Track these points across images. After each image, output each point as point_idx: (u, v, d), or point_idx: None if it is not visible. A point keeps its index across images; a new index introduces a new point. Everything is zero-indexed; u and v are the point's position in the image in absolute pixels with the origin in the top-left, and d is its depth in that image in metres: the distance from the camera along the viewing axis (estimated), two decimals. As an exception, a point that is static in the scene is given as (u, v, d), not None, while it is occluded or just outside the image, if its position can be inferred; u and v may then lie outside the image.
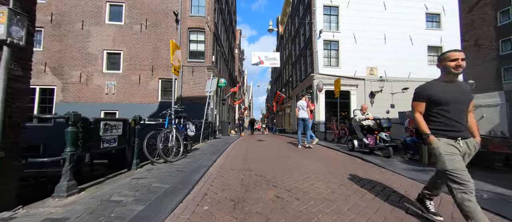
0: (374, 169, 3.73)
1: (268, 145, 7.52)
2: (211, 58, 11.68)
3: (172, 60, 5.11)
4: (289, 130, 23.71)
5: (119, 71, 11.29)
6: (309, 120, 6.48)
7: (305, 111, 6.40)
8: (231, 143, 7.81)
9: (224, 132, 13.05)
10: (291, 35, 21.61)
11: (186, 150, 5.09)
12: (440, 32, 14.55)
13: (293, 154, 5.22)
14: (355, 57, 13.84)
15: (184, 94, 11.49)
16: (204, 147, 6.33)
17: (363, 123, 5.86)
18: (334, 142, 8.44)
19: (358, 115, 5.99)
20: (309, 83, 14.49)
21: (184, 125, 5.03)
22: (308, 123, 6.42)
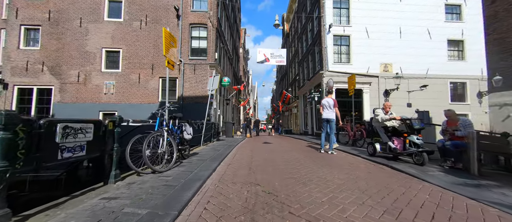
0: (413, 183, 2.92)
1: (276, 148, 6.76)
2: (214, 55, 11.04)
3: (165, 51, 4.44)
4: (296, 131, 22.85)
5: (118, 70, 10.81)
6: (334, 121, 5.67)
7: (331, 110, 5.61)
8: (235, 146, 7.10)
9: (228, 134, 12.38)
10: (298, 32, 20.78)
11: (182, 156, 4.41)
12: (461, 25, 13.41)
13: (308, 160, 4.45)
14: (368, 53, 12.91)
15: (185, 94, 10.88)
16: (205, 151, 5.64)
17: (387, 124, 5.01)
18: (348, 145, 7.60)
19: (381, 114, 5.09)
20: (318, 81, 13.64)
21: (179, 127, 4.35)
22: (333, 125, 5.63)
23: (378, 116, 5.18)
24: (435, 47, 13.15)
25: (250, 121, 14.03)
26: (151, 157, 3.31)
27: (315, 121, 14.94)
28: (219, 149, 6.26)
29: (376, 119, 5.23)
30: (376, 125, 5.27)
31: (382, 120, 5.08)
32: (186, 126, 4.48)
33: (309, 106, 16.46)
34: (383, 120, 5.08)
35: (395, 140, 4.59)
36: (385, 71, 13.02)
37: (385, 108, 5.06)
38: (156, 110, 3.75)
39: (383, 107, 5.19)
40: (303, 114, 19.06)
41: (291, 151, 6.04)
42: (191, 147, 6.87)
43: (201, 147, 6.80)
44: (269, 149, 6.45)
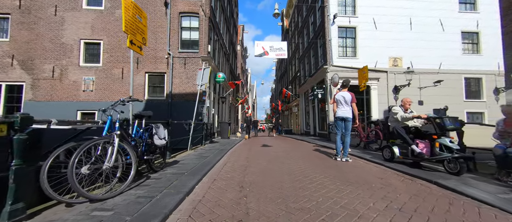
0: (484, 212, 1.82)
1: (277, 153, 5.64)
2: (207, 48, 9.90)
3: (125, 27, 3.32)
4: (296, 131, 21.77)
5: (98, 65, 9.64)
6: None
7: (348, 107, 4.51)
8: (229, 150, 5.98)
9: (223, 135, 11.26)
10: (298, 27, 19.68)
11: (152, 168, 3.28)
12: (476, 16, 12.37)
13: (320, 173, 3.34)
14: (376, 46, 11.83)
15: (175, 91, 9.74)
16: (189, 158, 4.52)
17: (409, 123, 4.07)
18: (359, 148, 6.51)
19: (400, 112, 4.14)
20: (321, 77, 12.55)
21: (147, 130, 3.23)
22: (350, 125, 4.54)
23: (397, 114, 4.17)
24: (448, 40, 12.11)
25: (251, 121, 12.71)
26: (91, 175, 2.19)
27: (318, 120, 13.86)
28: (208, 154, 5.14)
29: (395, 118, 4.29)
30: (395, 125, 4.23)
31: (403, 118, 4.07)
32: (158, 128, 3.36)
33: (311, 104, 15.38)
34: (404, 118, 4.06)
35: (419, 142, 3.76)
36: (395, 66, 11.96)
37: (404, 105, 4.22)
38: (108, 107, 2.62)
39: (401, 104, 4.27)
40: (304, 113, 17.98)
41: (296, 157, 4.93)
42: (175, 152, 5.78)
43: (187, 152, 5.68)
44: (269, 155, 5.32)
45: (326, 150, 6.20)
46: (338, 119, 4.59)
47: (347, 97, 4.55)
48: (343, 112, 4.54)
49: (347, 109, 4.54)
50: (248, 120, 12.47)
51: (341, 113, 4.56)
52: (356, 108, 4.64)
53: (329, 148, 6.74)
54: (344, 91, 4.68)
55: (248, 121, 12.40)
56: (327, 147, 6.95)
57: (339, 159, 4.46)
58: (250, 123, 12.40)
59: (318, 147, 7.27)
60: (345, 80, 4.87)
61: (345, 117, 4.51)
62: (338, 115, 4.58)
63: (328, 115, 11.41)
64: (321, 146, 7.36)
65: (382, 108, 11.63)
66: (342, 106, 4.56)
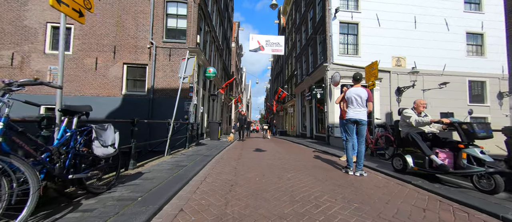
0: None
1: (272, 161, 4.64)
2: (195, 38, 8.80)
3: None
4: (291, 132, 20.92)
5: (68, 53, 8.36)
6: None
7: (362, 107, 3.61)
8: (214, 157, 4.93)
9: (213, 136, 10.19)
10: (296, 24, 18.83)
11: (88, 190, 2.21)
12: (481, 16, 11.87)
13: (331, 196, 2.36)
14: (379, 44, 11.09)
15: (158, 85, 8.58)
16: (158, 169, 3.44)
17: (425, 129, 3.47)
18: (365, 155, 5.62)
19: (413, 115, 3.50)
20: (320, 75, 11.69)
21: (82, 133, 2.16)
22: (365, 130, 3.63)
23: (410, 118, 3.50)
24: (452, 40, 11.54)
25: (245, 120, 11.40)
26: None
27: (315, 122, 13.01)
28: (187, 162, 4.09)
29: (408, 123, 3.54)
30: (408, 131, 3.53)
31: (418, 123, 3.40)
32: (103, 131, 2.29)
33: (308, 105, 14.53)
34: (419, 123, 3.39)
35: (439, 152, 3.16)
36: (398, 66, 11.26)
37: (417, 107, 3.63)
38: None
39: (414, 106, 3.68)
40: (300, 114, 17.13)
41: (297, 168, 3.95)
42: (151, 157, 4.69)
43: (163, 158, 4.60)
44: (263, 164, 4.32)
45: (329, 158, 5.27)
46: (349, 122, 3.66)
47: (363, 95, 3.62)
48: (357, 113, 3.61)
49: (361, 110, 3.61)
50: (242, 119, 11.25)
51: (354, 115, 3.62)
52: (371, 109, 3.72)
53: (332, 154, 5.82)
54: (358, 87, 3.75)
55: (242, 120, 11.19)
56: (329, 153, 6.04)
57: (351, 173, 3.52)
58: (243, 122, 11.16)
59: (318, 152, 6.34)
60: (357, 73, 3.94)
61: (359, 119, 3.58)
62: (350, 116, 3.65)
63: (327, 117, 10.56)
64: (322, 152, 6.44)
65: (384, 111, 10.90)
66: (355, 106, 3.63)
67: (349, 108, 3.70)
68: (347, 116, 3.71)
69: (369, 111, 3.70)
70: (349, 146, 3.68)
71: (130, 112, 8.22)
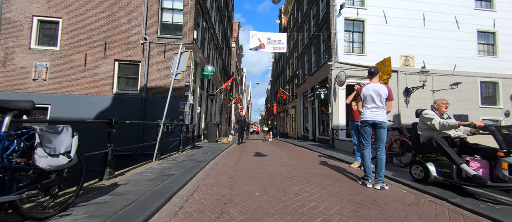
0: None
1: (275, 168, 4.05)
2: (192, 33, 8.26)
3: None
4: (292, 134, 20.33)
5: (55, 48, 7.82)
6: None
7: (381, 107, 3.03)
8: (208, 163, 4.34)
9: (210, 138, 9.62)
10: (298, 23, 18.33)
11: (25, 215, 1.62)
12: (492, 14, 11.32)
13: (347, 215, 1.79)
14: (385, 43, 10.54)
15: (151, 84, 8.02)
16: (138, 180, 2.86)
17: (450, 133, 2.99)
18: None
19: (435, 117, 3.02)
20: (324, 75, 11.13)
21: (18, 138, 1.58)
22: (385, 134, 3.07)
23: (431, 120, 3.02)
24: (463, 39, 10.99)
25: (244, 121, 10.61)
26: None
27: (318, 124, 12.42)
28: (176, 170, 3.51)
29: (430, 125, 3.06)
30: (431, 135, 3.05)
31: (443, 126, 2.90)
32: (49, 136, 1.70)
33: (311, 106, 13.96)
34: (444, 126, 2.90)
35: (471, 160, 2.69)
36: (406, 65, 10.70)
37: (439, 108, 3.19)
38: None
39: (434, 107, 3.25)
40: (302, 116, 16.55)
41: (303, 178, 3.36)
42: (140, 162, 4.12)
43: (150, 164, 4.02)
44: (263, 173, 3.74)
45: (337, 164, 4.68)
46: (366, 124, 3.08)
47: (382, 92, 3.04)
48: (375, 114, 3.04)
49: (380, 111, 3.04)
50: (241, 120, 10.45)
51: (371, 115, 3.05)
52: (390, 109, 3.15)
53: (340, 160, 5.24)
54: (375, 83, 3.17)
55: (241, 121, 10.40)
56: (336, 159, 5.46)
57: (370, 185, 2.93)
58: (243, 123, 10.42)
59: (324, 157, 5.76)
60: (374, 67, 3.37)
61: (379, 121, 3.00)
62: (366, 118, 3.07)
63: (332, 118, 9.98)
64: (328, 157, 5.85)
65: (392, 113, 10.31)
66: (372, 105, 3.06)
67: (365, 108, 3.13)
68: (362, 117, 3.13)
69: (388, 111, 3.13)
70: (366, 153, 3.10)
71: (122, 112, 7.66)
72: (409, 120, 7.10)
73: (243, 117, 10.34)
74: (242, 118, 10.27)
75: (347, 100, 4.43)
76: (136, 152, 7.59)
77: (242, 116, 10.30)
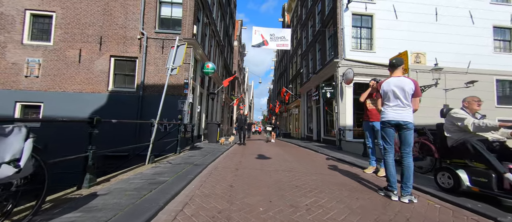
0: None
1: (280, 174, 3.60)
2: (192, 28, 7.85)
3: None
4: (295, 135, 19.83)
5: (48, 43, 7.48)
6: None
7: (406, 104, 2.54)
8: (206, 168, 3.90)
9: (211, 138, 9.21)
10: (301, 20, 17.82)
11: None
12: (510, 8, 10.69)
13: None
14: (395, 39, 10.00)
15: (149, 81, 7.63)
16: (119, 191, 2.42)
17: (487, 136, 2.54)
18: None
19: (468, 117, 2.61)
20: (330, 73, 10.63)
21: None
22: (411, 137, 2.59)
23: (463, 120, 2.61)
24: (478, 35, 10.38)
25: (245, 121, 9.51)
26: None
27: (324, 124, 11.92)
28: (169, 176, 3.08)
29: (460, 127, 2.65)
30: (462, 138, 2.63)
31: (479, 127, 2.49)
32: None
33: (315, 106, 13.46)
34: (481, 127, 2.48)
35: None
36: (417, 63, 10.14)
37: (470, 106, 2.77)
38: None
39: (464, 105, 2.81)
40: (306, 115, 16.06)
41: (315, 187, 2.89)
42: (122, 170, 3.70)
43: (141, 168, 3.60)
44: (268, 180, 3.29)
45: (349, 169, 4.20)
46: (388, 126, 2.61)
47: (407, 87, 2.56)
48: (399, 112, 2.57)
49: (406, 109, 2.57)
50: (242, 120, 9.47)
51: (394, 115, 2.57)
52: (418, 107, 2.66)
53: (351, 163, 4.76)
54: (399, 77, 2.69)
55: (242, 120, 9.44)
56: (346, 162, 4.98)
57: (395, 198, 2.46)
58: (244, 123, 9.44)
59: (334, 160, 5.28)
60: (396, 58, 2.89)
61: (404, 121, 2.53)
62: (389, 117, 2.60)
63: (338, 118, 9.48)
64: (337, 160, 5.38)
65: (401, 113, 9.76)
66: (394, 102, 2.59)
67: (386, 106, 2.65)
68: (384, 117, 2.66)
69: (415, 109, 2.65)
70: (389, 159, 2.63)
71: (117, 111, 7.29)
72: (421, 121, 6.57)
73: (243, 116, 9.48)
74: (243, 117, 9.38)
75: (361, 98, 3.96)
76: (132, 153, 7.22)
77: (243, 114, 9.73)
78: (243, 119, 9.06)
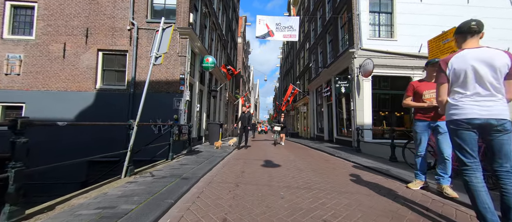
0: None
1: (296, 192, 2.60)
2: (188, 16, 6.94)
3: None
4: (304, 134, 18.71)
5: (30, 37, 6.78)
6: None
7: (497, 90, 1.48)
8: (193, 185, 2.93)
9: (212, 139, 8.32)
10: (309, 11, 16.65)
11: None
12: (556, -15, 9.17)
13: None
14: (420, 24, 8.75)
15: (141, 77, 6.80)
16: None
17: None
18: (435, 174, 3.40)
19: None
20: (344, 65, 9.50)
21: None
22: (509, 143, 1.51)
23: None
24: (518, 17, 8.95)
25: (249, 120, 7.61)
26: None
27: (336, 123, 10.79)
28: (138, 201, 2.14)
29: None
30: None
31: None
32: None
33: (326, 103, 12.33)
34: None
35: None
36: (446, 52, 8.82)
37: None
38: None
39: None
40: (315, 114, 14.93)
41: (354, 219, 1.88)
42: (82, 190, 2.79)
43: (110, 186, 2.68)
44: (279, 208, 2.30)
45: (385, 181, 3.14)
46: (465, 127, 1.57)
47: (499, 62, 1.51)
48: (487, 106, 1.53)
49: (496, 100, 1.52)
50: (245, 118, 7.51)
51: (477, 110, 1.54)
52: None
53: (385, 174, 3.70)
54: (480, 49, 1.63)
55: (245, 118, 7.51)
56: (375, 170, 3.93)
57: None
58: (247, 122, 7.55)
59: (359, 168, 4.23)
60: (475, 21, 1.79)
61: (497, 120, 1.49)
62: (466, 114, 1.57)
63: (355, 115, 8.36)
64: (364, 168, 4.32)
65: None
66: (475, 89, 1.56)
67: (461, 96, 1.63)
68: (457, 114, 1.62)
69: (510, 98, 1.60)
70: (476, 182, 1.58)
71: (106, 111, 6.50)
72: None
73: (247, 113, 7.55)
74: (246, 115, 7.50)
75: (425, 93, 2.75)
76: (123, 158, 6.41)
77: (246, 112, 7.54)
78: (247, 117, 7.44)
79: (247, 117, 7.11)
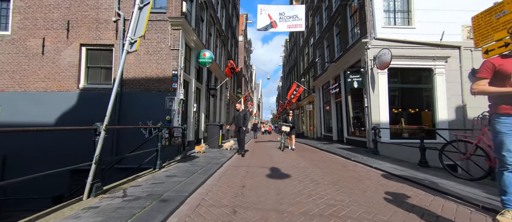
0: None
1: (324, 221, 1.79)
2: (181, 5, 6.16)
3: None
4: (310, 134, 17.79)
5: (5, 32, 6.10)
6: None
7: None
8: (174, 212, 2.12)
9: (211, 142, 7.54)
10: (313, 4, 15.75)
11: None
12: None
13: None
14: (441, 10, 7.80)
15: (128, 74, 6.04)
16: None
17: None
18: (488, 184, 2.50)
19: None
20: (355, 58, 8.59)
21: None
22: None
23: None
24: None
25: (243, 119, 6.04)
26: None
27: (346, 122, 9.88)
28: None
29: None
30: None
31: None
32: None
33: (334, 100, 11.42)
34: None
35: None
36: (471, 39, 7.83)
37: None
38: None
39: None
40: (322, 112, 14.02)
41: None
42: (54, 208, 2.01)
43: (59, 214, 1.87)
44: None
45: (443, 204, 2.28)
46: None
47: None
48: None
49: None
50: (240, 117, 6.03)
51: None
52: None
53: (435, 189, 2.84)
54: None
55: (240, 118, 6.02)
56: (419, 184, 3.06)
57: None
58: (242, 122, 5.99)
59: (393, 181, 3.35)
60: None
61: None
62: None
63: (370, 113, 7.45)
64: (397, 178, 3.45)
65: (453, 105, 7.56)
66: None
67: None
68: None
69: None
70: None
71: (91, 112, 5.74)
72: (477, 113, 4.28)
73: (241, 112, 6.08)
74: (241, 114, 6.04)
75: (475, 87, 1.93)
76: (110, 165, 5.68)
77: (241, 110, 6.08)
78: (242, 117, 5.95)
79: (242, 116, 5.88)
